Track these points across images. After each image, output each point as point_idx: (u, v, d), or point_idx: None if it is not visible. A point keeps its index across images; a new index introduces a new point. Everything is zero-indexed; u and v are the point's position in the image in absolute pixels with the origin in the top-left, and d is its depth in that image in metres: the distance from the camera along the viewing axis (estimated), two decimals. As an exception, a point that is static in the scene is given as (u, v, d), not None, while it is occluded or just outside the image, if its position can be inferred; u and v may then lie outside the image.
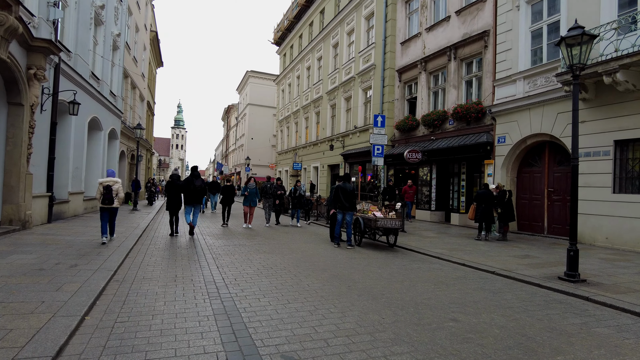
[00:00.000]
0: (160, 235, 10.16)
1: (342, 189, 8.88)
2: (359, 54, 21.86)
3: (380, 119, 12.92)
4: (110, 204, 7.90)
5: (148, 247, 8.23)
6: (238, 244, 8.84)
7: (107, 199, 7.85)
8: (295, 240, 9.90)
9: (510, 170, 13.08)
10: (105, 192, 7.84)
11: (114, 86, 18.16)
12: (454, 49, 15.53)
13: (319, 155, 27.13)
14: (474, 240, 10.65)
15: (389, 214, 8.88)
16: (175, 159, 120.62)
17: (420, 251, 8.62)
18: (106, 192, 7.84)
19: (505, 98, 13.04)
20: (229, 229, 11.89)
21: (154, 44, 32.31)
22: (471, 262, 7.43)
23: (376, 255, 8.04)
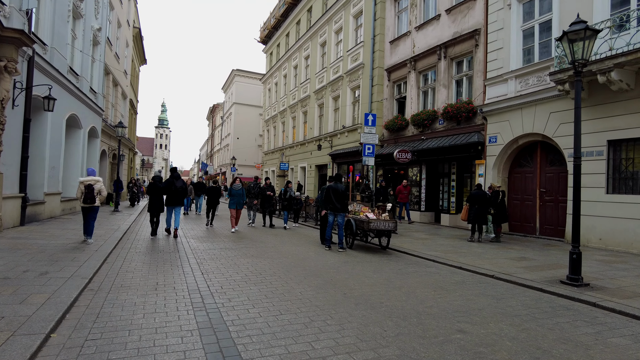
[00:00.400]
0: (141, 237, 9.65)
1: (333, 189, 8.53)
2: (347, 53, 21.57)
3: (371, 117, 12.63)
4: (92, 203, 7.85)
5: (128, 251, 7.74)
6: (224, 247, 8.41)
7: (89, 198, 7.79)
8: (284, 242, 9.52)
9: (501, 170, 12.93)
10: (87, 192, 7.77)
11: (94, 83, 17.46)
12: (444, 47, 15.34)
13: (306, 156, 26.76)
14: (467, 241, 10.43)
15: (381, 216, 8.56)
16: (159, 159, 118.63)
17: (414, 254, 8.32)
18: (87, 191, 7.78)
19: (496, 97, 12.89)
20: (214, 231, 11.43)
21: (137, 41, 31.47)
22: (468, 265, 7.17)
23: (369, 259, 7.71)
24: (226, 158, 48.81)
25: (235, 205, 11.69)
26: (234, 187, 11.85)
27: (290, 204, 13.36)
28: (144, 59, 36.46)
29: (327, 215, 8.72)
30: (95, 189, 7.89)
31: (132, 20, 28.55)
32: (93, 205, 7.89)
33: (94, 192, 7.84)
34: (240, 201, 11.76)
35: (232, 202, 11.78)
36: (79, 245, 7.66)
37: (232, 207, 11.78)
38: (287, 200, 13.32)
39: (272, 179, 34.41)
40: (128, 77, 28.07)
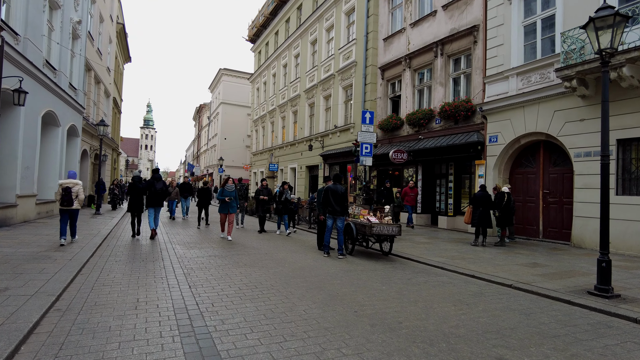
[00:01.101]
0: (122, 244, 8.87)
1: (332, 191, 7.90)
2: (339, 51, 21.00)
3: (369, 115, 12.03)
4: (69, 206, 7.86)
5: (107, 259, 6.98)
6: (213, 255, 7.70)
7: (66, 200, 7.81)
8: (279, 249, 8.83)
9: (502, 171, 12.48)
10: (64, 194, 7.82)
11: (74, 78, 16.52)
12: (440, 44, 14.87)
13: (296, 156, 26.09)
14: (471, 245, 9.91)
15: (384, 219, 7.96)
16: (145, 159, 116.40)
17: (420, 260, 7.74)
18: (65, 193, 7.82)
19: (496, 95, 12.44)
20: (202, 237, 10.68)
21: (121, 37, 30.39)
22: (480, 272, 6.61)
23: (373, 266, 7.09)
24: (213, 159, 47.79)
25: (227, 209, 10.12)
26: (227, 189, 10.12)
27: (286, 207, 11.84)
28: (128, 56, 35.33)
29: (326, 219, 8.08)
30: (73, 191, 7.90)
31: (115, 15, 27.51)
32: (71, 208, 7.92)
33: (71, 195, 7.86)
34: (233, 204, 10.18)
35: (224, 207, 10.12)
36: (52, 252, 6.88)
37: (223, 211, 10.21)
38: (282, 204, 11.81)
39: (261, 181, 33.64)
40: (111, 74, 27.02)
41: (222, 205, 10.22)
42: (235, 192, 10.25)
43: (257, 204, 12.49)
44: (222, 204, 10.24)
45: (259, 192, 12.56)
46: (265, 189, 12.66)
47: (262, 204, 12.42)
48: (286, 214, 12.01)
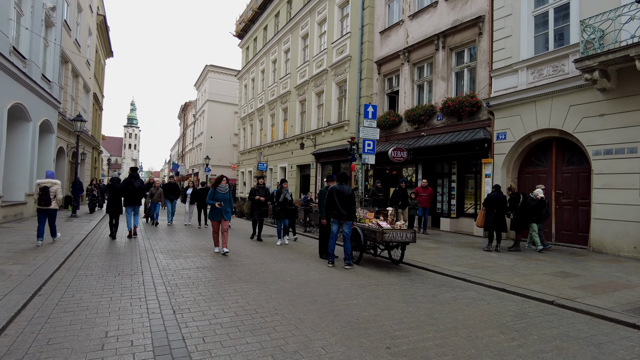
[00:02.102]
0: (97, 252, 7.76)
1: (338, 192, 6.96)
2: (332, 45, 20.08)
3: (372, 109, 11.11)
4: (47, 205, 7.87)
5: (76, 273, 5.91)
6: (202, 266, 6.68)
7: (44, 200, 7.80)
8: (276, 258, 7.83)
9: (511, 170, 11.73)
10: (42, 194, 7.80)
11: (47, 70, 15.22)
12: (442, 37, 14.08)
13: (286, 155, 25.10)
14: (483, 250, 9.10)
15: (395, 223, 7.06)
16: (128, 159, 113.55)
17: (436, 270, 6.87)
18: (42, 193, 7.80)
19: (504, 90, 11.68)
20: (189, 242, 9.63)
21: (102, 30, 28.89)
22: (510, 285, 5.76)
23: (388, 279, 6.18)
24: (199, 158, 46.39)
25: (221, 215, 8.05)
26: (220, 190, 8.13)
27: (286, 210, 9.97)
28: (110, 50, 33.75)
29: (331, 224, 7.13)
30: (51, 191, 7.92)
31: (95, 6, 26.05)
32: (49, 208, 7.94)
33: (49, 194, 7.87)
34: (228, 210, 8.16)
35: (216, 212, 8.08)
36: (8, 266, 5.78)
37: (215, 218, 8.13)
38: (280, 205, 9.97)
39: (249, 181, 32.50)
40: (91, 68, 25.58)
41: (213, 210, 8.14)
42: (230, 194, 8.31)
43: (253, 205, 10.56)
44: (213, 209, 8.15)
45: (254, 192, 10.63)
46: (262, 188, 10.73)
47: (258, 205, 10.39)
48: (286, 217, 10.09)
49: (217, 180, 8.31)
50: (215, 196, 8.06)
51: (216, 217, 8.09)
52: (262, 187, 10.71)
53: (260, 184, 10.87)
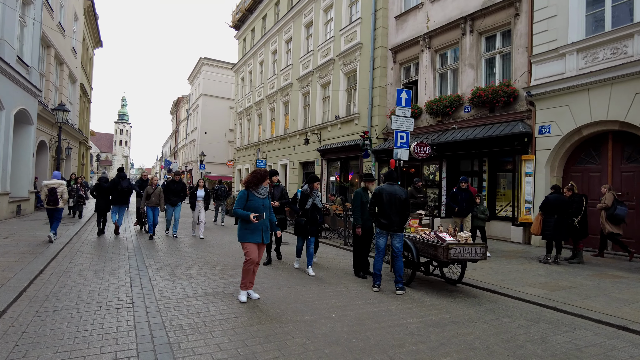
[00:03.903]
0: (75, 269, 6.14)
1: (389, 195, 5.41)
2: (340, 33, 18.53)
3: (405, 95, 9.54)
4: (55, 205, 8.21)
5: (41, 305, 4.33)
6: (211, 292, 5.11)
7: (52, 200, 8.14)
8: (302, 278, 6.24)
9: (556, 168, 10.32)
10: (50, 194, 8.12)
11: (25, 53, 13.48)
12: (470, 20, 12.62)
13: (288, 151, 23.54)
14: (540, 262, 7.68)
15: (458, 235, 5.56)
16: (119, 155, 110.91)
17: (508, 293, 5.41)
18: (50, 194, 8.12)
19: (548, 77, 10.27)
20: (191, 252, 8.06)
21: (90, 17, 26.97)
22: (628, 320, 4.31)
23: (463, 311, 4.68)
24: (192, 154, 44.59)
25: (261, 232, 4.90)
26: (259, 194, 4.98)
27: (315, 222, 6.65)
28: (99, 40, 31.78)
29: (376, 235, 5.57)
30: (58, 191, 8.21)
31: (81, -10, 24.18)
32: (56, 207, 8.29)
33: (57, 195, 8.18)
34: (267, 226, 5.07)
35: (253, 230, 4.85)
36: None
37: (253, 239, 4.85)
38: (306, 215, 6.60)
39: (246, 178, 30.81)
40: (78, 57, 23.73)
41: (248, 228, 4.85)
42: (268, 200, 5.13)
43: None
44: (245, 223, 4.86)
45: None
46: (276, 188, 7.38)
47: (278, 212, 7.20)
48: (314, 235, 6.73)
49: (258, 177, 5.00)
50: (249, 203, 4.88)
51: (255, 237, 4.84)
52: (275, 187, 7.36)
53: (273, 182, 7.44)
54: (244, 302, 4.66)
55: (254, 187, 4.97)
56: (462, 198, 8.53)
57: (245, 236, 4.85)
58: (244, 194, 4.96)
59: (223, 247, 8.90)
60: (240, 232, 4.90)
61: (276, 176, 7.55)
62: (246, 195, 4.93)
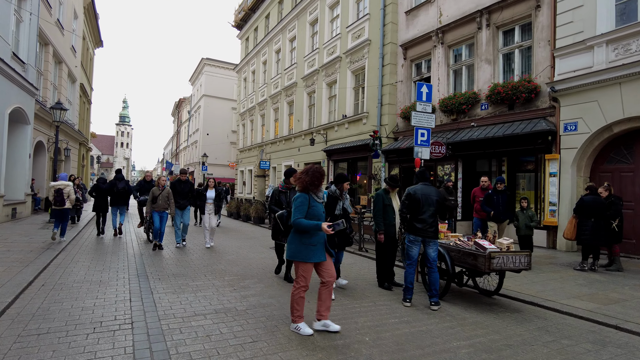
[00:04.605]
0: (67, 281, 5.52)
1: (425, 196, 4.77)
2: (347, 30, 17.95)
3: (426, 89, 8.87)
4: (62, 206, 8.43)
5: (25, 326, 3.72)
6: (221, 309, 4.48)
7: (59, 201, 8.36)
8: None
9: (583, 167, 9.70)
10: (57, 195, 8.35)
11: (21, 49, 12.91)
12: (486, 13, 12.03)
13: (292, 152, 22.94)
14: (575, 270, 7.05)
15: (498, 241, 4.94)
16: (120, 157, 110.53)
17: (555, 307, 4.79)
18: (57, 195, 8.35)
19: (573, 72, 9.66)
20: (197, 257, 7.44)
21: (90, 16, 26.43)
22: None
23: (513, 331, 4.06)
24: (194, 156, 44.03)
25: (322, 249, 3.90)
26: (319, 196, 4.03)
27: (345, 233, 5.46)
28: (99, 40, 31.26)
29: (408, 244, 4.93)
30: (64, 192, 8.46)
31: (81, -12, 23.66)
32: (63, 208, 8.50)
33: (63, 196, 8.42)
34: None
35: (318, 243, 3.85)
36: None
37: (318, 256, 3.83)
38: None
39: (249, 180, 30.23)
40: (78, 56, 23.19)
41: (309, 242, 3.83)
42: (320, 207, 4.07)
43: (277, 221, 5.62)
44: (305, 237, 3.83)
45: (278, 199, 6.13)
46: (292, 191, 6.03)
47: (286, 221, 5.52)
48: (344, 247, 5.71)
49: (318, 176, 3.96)
50: (310, 210, 3.86)
51: (317, 254, 3.82)
52: (291, 189, 6.06)
53: (288, 184, 6.15)
54: (310, 334, 3.71)
55: (315, 189, 3.92)
56: (499, 201, 7.57)
57: (306, 253, 3.74)
58: (305, 199, 3.87)
59: (229, 254, 8.28)
60: (297, 248, 3.77)
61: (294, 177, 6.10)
62: (308, 201, 3.87)
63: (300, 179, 3.96)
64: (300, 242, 3.81)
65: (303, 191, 3.94)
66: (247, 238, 11.19)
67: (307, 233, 3.79)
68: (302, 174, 3.99)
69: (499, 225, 7.64)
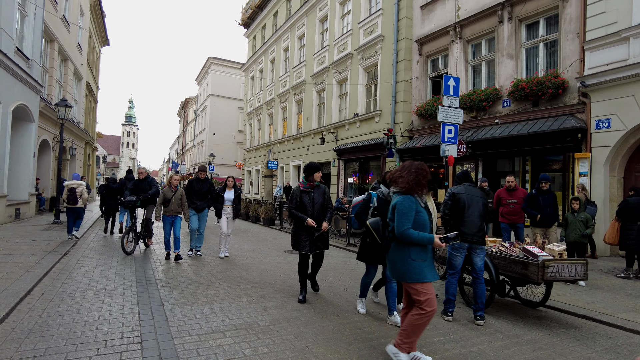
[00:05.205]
0: (70, 290, 5.05)
1: (470, 197, 4.26)
2: (359, 26, 17.44)
3: (453, 82, 8.28)
4: (75, 204, 8.86)
5: (18, 348, 3.25)
6: (242, 325, 3.93)
7: (71, 199, 8.79)
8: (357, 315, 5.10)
9: (617, 167, 9.12)
10: (70, 194, 8.79)
11: (25, 45, 12.52)
12: (508, 6, 11.47)
13: (301, 152, 22.45)
14: (618, 277, 6.50)
15: (547, 247, 4.41)
16: (126, 158, 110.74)
17: (614, 323, 4.26)
18: (70, 193, 8.79)
19: (606, 65, 9.09)
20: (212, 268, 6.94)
21: (96, 14, 26.12)
22: None
23: (575, 348, 3.55)
24: (200, 156, 43.72)
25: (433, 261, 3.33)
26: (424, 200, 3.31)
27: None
28: (105, 38, 30.98)
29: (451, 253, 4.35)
30: (77, 192, 8.84)
31: (87, -15, 23.33)
32: (75, 206, 8.89)
33: (76, 195, 8.81)
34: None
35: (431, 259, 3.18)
36: None
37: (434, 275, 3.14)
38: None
39: (256, 181, 29.78)
40: (84, 54, 22.85)
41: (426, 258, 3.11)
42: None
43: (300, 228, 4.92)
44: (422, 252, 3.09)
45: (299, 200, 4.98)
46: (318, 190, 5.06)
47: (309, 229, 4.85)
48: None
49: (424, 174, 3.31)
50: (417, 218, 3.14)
51: (433, 272, 3.18)
52: (315, 187, 5.00)
53: (311, 182, 4.99)
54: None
55: (421, 190, 3.19)
56: (545, 202, 6.75)
57: (420, 271, 3.02)
58: (412, 204, 3.09)
59: (243, 257, 7.80)
60: (408, 267, 3.03)
61: (319, 172, 5.05)
62: (415, 206, 3.12)
63: (404, 178, 3.18)
64: (417, 258, 3.05)
65: (407, 193, 3.16)
66: (259, 240, 10.70)
67: (416, 247, 3.05)
68: (403, 171, 3.24)
69: (547, 229, 6.83)
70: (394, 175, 3.32)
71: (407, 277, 3.04)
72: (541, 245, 4.50)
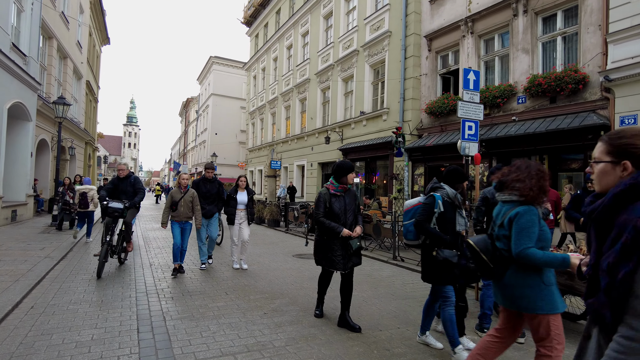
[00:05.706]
0: (64, 302, 4.61)
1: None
2: (365, 21, 16.99)
3: (473, 76, 7.82)
4: (86, 208, 9.23)
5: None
6: (256, 345, 3.50)
7: (83, 203, 9.14)
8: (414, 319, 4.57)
9: (643, 166, 8.63)
10: (82, 198, 9.13)
11: (22, 41, 12.10)
12: (523, -2, 11.00)
13: (305, 151, 22.00)
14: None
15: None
16: (128, 158, 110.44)
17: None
18: (82, 198, 9.13)
19: (631, 58, 8.60)
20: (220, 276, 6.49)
21: (96, 11, 25.72)
22: None
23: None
24: (202, 156, 43.32)
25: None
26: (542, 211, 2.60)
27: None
28: (106, 37, 30.59)
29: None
30: (88, 196, 9.21)
31: (87, -18, 22.92)
32: (87, 210, 9.32)
33: (87, 199, 9.18)
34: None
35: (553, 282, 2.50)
36: None
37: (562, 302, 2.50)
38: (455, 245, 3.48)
39: (259, 181, 29.34)
40: (84, 52, 22.45)
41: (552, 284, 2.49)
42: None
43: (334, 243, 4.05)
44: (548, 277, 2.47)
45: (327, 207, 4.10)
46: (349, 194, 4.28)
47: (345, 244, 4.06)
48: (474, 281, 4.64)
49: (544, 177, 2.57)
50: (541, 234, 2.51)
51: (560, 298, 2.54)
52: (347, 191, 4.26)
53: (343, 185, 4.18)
54: None
55: (542, 199, 2.50)
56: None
57: (550, 299, 2.40)
58: (535, 217, 2.44)
59: (250, 263, 7.33)
60: (545, 293, 2.40)
61: (353, 173, 4.26)
62: (538, 219, 2.45)
63: (524, 184, 2.46)
64: (543, 284, 2.39)
65: (529, 203, 2.45)
66: (265, 243, 10.24)
67: (541, 270, 2.39)
68: (521, 174, 2.51)
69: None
70: (508, 178, 2.59)
71: (538, 306, 2.36)
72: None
